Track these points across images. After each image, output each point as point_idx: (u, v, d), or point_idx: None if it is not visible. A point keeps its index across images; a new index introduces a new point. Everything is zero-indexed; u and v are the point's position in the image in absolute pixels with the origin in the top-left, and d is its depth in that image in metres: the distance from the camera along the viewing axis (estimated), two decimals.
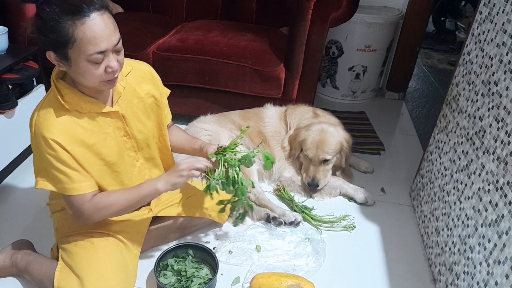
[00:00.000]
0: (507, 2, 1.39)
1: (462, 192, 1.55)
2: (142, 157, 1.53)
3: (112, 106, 1.40)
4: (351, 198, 2.23)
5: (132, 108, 1.45)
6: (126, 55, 1.36)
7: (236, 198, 1.50)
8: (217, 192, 1.42)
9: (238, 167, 1.44)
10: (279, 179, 2.29)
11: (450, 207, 1.65)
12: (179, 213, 1.69)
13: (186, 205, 1.72)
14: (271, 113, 2.40)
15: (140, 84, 1.48)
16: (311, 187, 2.19)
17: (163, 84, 1.65)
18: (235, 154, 1.47)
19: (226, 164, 1.46)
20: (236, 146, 1.50)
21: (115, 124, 1.41)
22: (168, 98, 1.61)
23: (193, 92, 2.73)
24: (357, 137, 2.89)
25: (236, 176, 1.42)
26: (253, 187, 1.48)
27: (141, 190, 1.39)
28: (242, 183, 1.42)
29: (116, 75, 1.28)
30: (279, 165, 2.29)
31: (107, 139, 1.40)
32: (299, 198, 2.21)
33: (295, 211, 2.09)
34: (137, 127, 1.48)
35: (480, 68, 1.54)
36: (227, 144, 1.56)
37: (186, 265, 1.48)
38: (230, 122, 2.31)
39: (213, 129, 2.26)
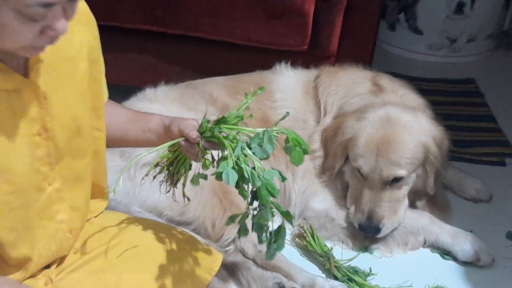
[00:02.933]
0: None
1: None
2: (60, 177, 1.46)
3: (27, 77, 1.34)
4: (446, 252, 2.12)
5: (59, 80, 1.40)
6: None
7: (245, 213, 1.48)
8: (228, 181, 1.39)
9: (249, 148, 1.43)
10: (303, 214, 2.20)
11: None
12: (106, 286, 1.57)
13: (119, 268, 1.59)
14: (287, 82, 2.31)
15: (68, 33, 1.36)
16: (367, 232, 2.08)
17: None
18: (237, 133, 1.45)
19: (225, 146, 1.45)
20: (240, 120, 1.47)
21: (27, 111, 1.36)
22: None
23: (133, 41, 2.55)
24: (461, 130, 2.70)
25: (246, 166, 1.41)
26: (283, 179, 1.45)
27: None
28: (263, 176, 1.41)
29: (57, 42, 1.25)
30: (303, 187, 2.21)
31: (15, 140, 1.35)
32: (343, 251, 2.12)
33: (336, 278, 1.98)
34: (60, 118, 1.41)
35: None
36: (222, 115, 1.50)
37: None
38: (204, 100, 2.21)
39: (171, 113, 2.02)
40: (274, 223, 1.53)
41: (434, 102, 2.34)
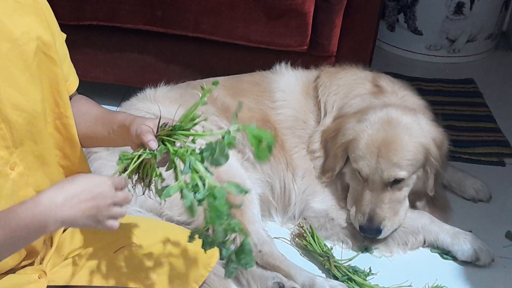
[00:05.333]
0: None
1: None
2: (22, 161, 1.45)
3: None
4: (446, 252, 2.13)
5: (1, 60, 1.36)
6: None
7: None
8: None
9: (202, 162, 1.35)
10: (303, 214, 2.21)
11: None
12: (102, 281, 1.59)
13: (116, 264, 1.62)
14: (287, 82, 2.31)
15: (13, 15, 1.39)
16: (368, 234, 2.08)
17: (61, 25, 1.54)
18: (193, 141, 1.39)
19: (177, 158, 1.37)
20: (194, 125, 1.41)
21: None
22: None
23: (132, 41, 2.55)
24: (460, 131, 2.72)
25: (198, 181, 1.33)
26: (244, 192, 1.37)
27: (10, 221, 1.29)
28: (214, 195, 1.32)
29: None
30: (303, 187, 2.21)
31: None
32: (343, 251, 2.12)
33: (335, 277, 1.99)
34: (11, 99, 1.39)
35: None
36: (176, 119, 1.46)
37: None
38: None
39: (171, 113, 2.08)
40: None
41: (433, 102, 2.36)
